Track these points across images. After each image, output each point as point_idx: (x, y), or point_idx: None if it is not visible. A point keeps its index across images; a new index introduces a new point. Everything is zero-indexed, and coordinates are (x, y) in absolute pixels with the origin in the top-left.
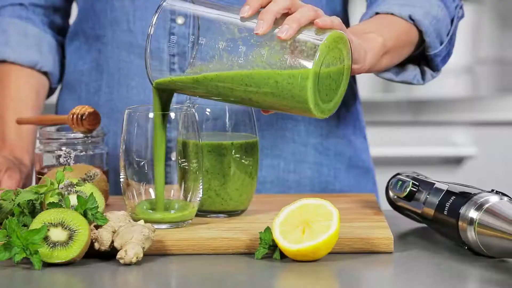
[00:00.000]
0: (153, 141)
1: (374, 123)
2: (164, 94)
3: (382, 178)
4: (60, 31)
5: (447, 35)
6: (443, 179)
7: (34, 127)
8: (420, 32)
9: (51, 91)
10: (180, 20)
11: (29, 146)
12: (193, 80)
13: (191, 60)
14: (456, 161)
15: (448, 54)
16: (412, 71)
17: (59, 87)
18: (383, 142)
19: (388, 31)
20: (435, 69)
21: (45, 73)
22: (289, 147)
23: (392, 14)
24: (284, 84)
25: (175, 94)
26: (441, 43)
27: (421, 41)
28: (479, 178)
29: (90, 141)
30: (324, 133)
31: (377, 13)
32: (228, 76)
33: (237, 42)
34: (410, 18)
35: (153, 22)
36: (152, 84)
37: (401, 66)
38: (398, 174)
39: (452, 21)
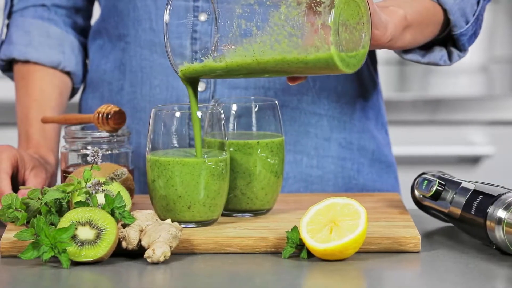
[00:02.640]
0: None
1: (390, 122)
2: (191, 81)
3: (399, 177)
4: (82, 32)
5: (473, 15)
6: (462, 178)
7: (58, 126)
8: (445, 12)
9: (73, 91)
10: (202, 17)
11: (54, 145)
12: (221, 65)
13: (215, 39)
14: (473, 160)
15: (475, 34)
16: (439, 52)
17: (82, 87)
18: (399, 141)
19: (410, 6)
20: (462, 49)
21: (68, 73)
22: (312, 142)
23: None
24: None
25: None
26: (467, 23)
27: (447, 22)
28: (496, 177)
29: (115, 140)
30: (347, 128)
31: None
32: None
33: (253, 7)
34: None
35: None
36: (177, 72)
37: (427, 48)
38: (423, 173)
39: (478, 1)
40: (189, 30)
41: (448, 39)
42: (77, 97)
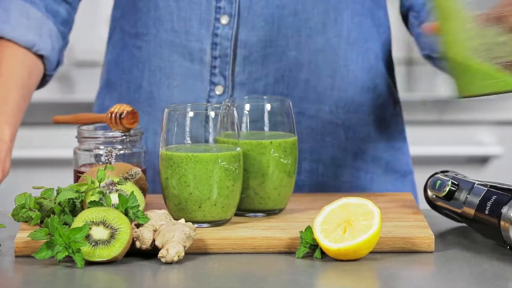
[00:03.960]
0: None
1: None
2: None
3: None
4: (63, 23)
5: None
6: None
7: (21, 104)
8: None
9: (45, 79)
10: (224, 20)
11: (11, 117)
12: None
13: None
14: (482, 161)
15: None
16: None
17: (98, 85)
18: (408, 141)
19: None
20: None
21: (41, 57)
22: (328, 152)
23: None
24: None
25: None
26: None
27: None
28: (505, 177)
29: (128, 139)
30: (362, 137)
31: None
32: None
33: None
34: None
35: None
36: None
37: None
38: (436, 173)
39: None
40: (209, 34)
41: None
42: (92, 96)
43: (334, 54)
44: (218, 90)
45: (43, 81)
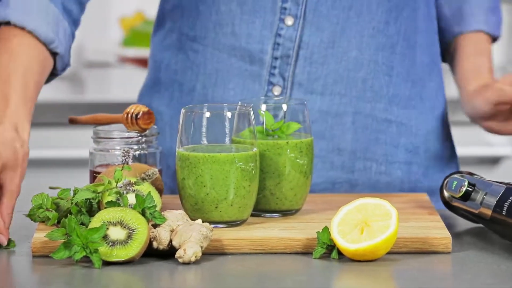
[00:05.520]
0: None
1: None
2: None
3: None
4: (74, 23)
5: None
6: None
7: (37, 92)
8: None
9: (49, 78)
10: (289, 21)
11: (30, 109)
12: None
13: None
14: (493, 161)
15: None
16: None
17: (145, 85)
18: None
19: (490, 68)
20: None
21: (53, 55)
22: (381, 149)
23: (482, 31)
24: None
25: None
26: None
27: None
28: None
29: (144, 140)
30: (414, 132)
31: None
32: None
33: None
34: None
35: None
36: None
37: None
38: (453, 173)
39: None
40: (272, 34)
41: None
42: (100, 97)
43: (393, 52)
44: (276, 90)
45: (48, 79)
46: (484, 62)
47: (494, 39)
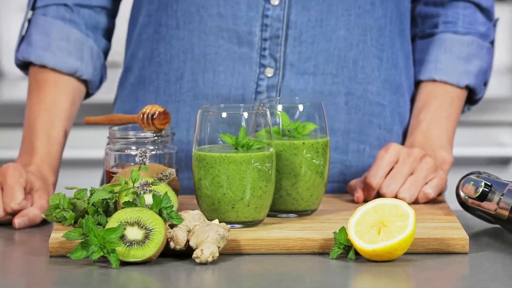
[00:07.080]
0: None
1: None
2: None
3: None
4: (106, 33)
5: (490, 71)
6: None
7: (63, 141)
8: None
9: (87, 95)
10: (276, 1)
11: (56, 162)
12: None
13: None
14: (503, 162)
15: (486, 85)
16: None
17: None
18: None
19: (451, 121)
20: (475, 103)
21: (84, 81)
22: (375, 133)
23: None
24: None
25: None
26: (485, 84)
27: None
28: None
29: (159, 140)
30: (408, 118)
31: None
32: None
33: None
34: (467, 86)
35: None
36: None
37: None
38: (469, 174)
39: (490, 63)
40: (258, 16)
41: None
42: (108, 97)
43: (381, 34)
44: (269, 72)
45: (86, 96)
46: (419, 121)
47: (470, 89)
